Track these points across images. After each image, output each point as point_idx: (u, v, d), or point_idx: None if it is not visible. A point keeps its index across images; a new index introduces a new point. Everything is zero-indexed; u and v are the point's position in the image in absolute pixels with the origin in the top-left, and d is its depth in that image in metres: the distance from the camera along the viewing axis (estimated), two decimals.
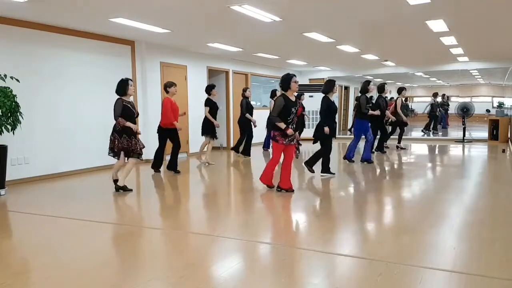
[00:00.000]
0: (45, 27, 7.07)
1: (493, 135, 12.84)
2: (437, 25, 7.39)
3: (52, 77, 7.26)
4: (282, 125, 5.49)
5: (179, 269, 3.14)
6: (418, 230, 4.08)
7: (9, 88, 5.81)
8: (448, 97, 17.26)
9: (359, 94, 8.72)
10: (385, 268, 3.10)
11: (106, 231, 4.24)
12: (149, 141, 9.15)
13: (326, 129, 6.76)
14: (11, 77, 5.96)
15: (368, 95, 8.57)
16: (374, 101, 9.26)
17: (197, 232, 4.27)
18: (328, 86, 7.03)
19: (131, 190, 6.04)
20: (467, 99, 19.58)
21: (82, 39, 7.74)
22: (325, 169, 7.05)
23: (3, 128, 5.70)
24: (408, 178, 7.09)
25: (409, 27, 7.63)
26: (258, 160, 9.51)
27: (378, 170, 7.91)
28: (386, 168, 8.16)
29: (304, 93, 10.86)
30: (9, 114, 5.74)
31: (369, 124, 8.42)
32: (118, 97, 5.92)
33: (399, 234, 4.04)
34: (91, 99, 7.96)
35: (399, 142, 10.97)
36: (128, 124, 5.79)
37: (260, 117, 10.46)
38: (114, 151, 5.91)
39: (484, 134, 13.76)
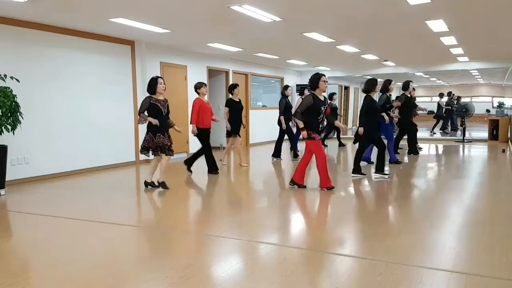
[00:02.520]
0: (45, 27, 7.07)
1: (493, 135, 12.84)
2: (437, 25, 7.39)
3: (52, 77, 7.26)
4: (300, 124, 5.59)
5: (179, 269, 3.14)
6: (418, 230, 4.08)
7: (9, 88, 5.81)
8: (458, 97, 16.90)
9: (380, 94, 8.42)
10: (385, 268, 3.10)
11: (106, 231, 4.24)
12: None
13: (361, 129, 6.70)
14: (11, 77, 5.96)
15: (388, 94, 8.26)
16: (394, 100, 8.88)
17: (196, 232, 4.27)
18: (369, 85, 6.86)
19: (158, 186, 6.20)
20: (467, 99, 19.57)
21: (82, 39, 7.74)
22: (356, 169, 6.96)
23: (3, 128, 5.70)
24: (408, 178, 7.09)
25: (409, 27, 7.63)
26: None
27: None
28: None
29: (336, 93, 10.50)
30: (9, 114, 5.74)
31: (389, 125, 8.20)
32: (147, 95, 6.05)
33: (399, 234, 4.04)
34: (91, 99, 7.96)
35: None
36: (149, 119, 5.91)
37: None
38: (146, 149, 6.03)
39: (484, 134, 13.77)
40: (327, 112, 5.89)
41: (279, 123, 9.22)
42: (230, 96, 8.20)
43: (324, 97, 5.83)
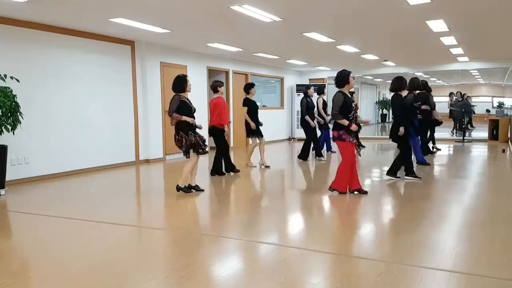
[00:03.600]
0: (45, 27, 7.07)
1: (493, 135, 12.85)
2: (437, 25, 7.39)
3: (52, 77, 7.26)
4: (345, 122, 5.35)
5: (179, 269, 3.14)
6: (418, 230, 4.08)
7: (9, 88, 5.81)
8: (468, 97, 16.61)
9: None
10: (385, 268, 3.10)
11: (106, 231, 4.24)
12: (150, 142, 9.18)
13: (401, 129, 6.32)
14: (11, 77, 5.96)
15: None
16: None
17: (197, 232, 4.27)
18: (398, 83, 6.52)
19: (202, 190, 5.98)
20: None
21: (82, 39, 7.74)
22: (409, 171, 6.65)
23: (3, 128, 5.70)
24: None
25: (409, 27, 7.63)
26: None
27: (377, 169, 7.91)
28: (385, 168, 8.15)
29: (355, 92, 10.14)
30: (9, 114, 5.74)
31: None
32: (175, 93, 5.74)
33: (399, 234, 4.04)
34: (91, 99, 7.96)
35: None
36: (185, 118, 5.59)
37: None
38: (184, 149, 5.70)
39: (484, 134, 13.77)
40: (356, 109, 5.62)
41: (303, 124, 8.99)
42: (247, 95, 7.99)
43: (352, 92, 5.65)
